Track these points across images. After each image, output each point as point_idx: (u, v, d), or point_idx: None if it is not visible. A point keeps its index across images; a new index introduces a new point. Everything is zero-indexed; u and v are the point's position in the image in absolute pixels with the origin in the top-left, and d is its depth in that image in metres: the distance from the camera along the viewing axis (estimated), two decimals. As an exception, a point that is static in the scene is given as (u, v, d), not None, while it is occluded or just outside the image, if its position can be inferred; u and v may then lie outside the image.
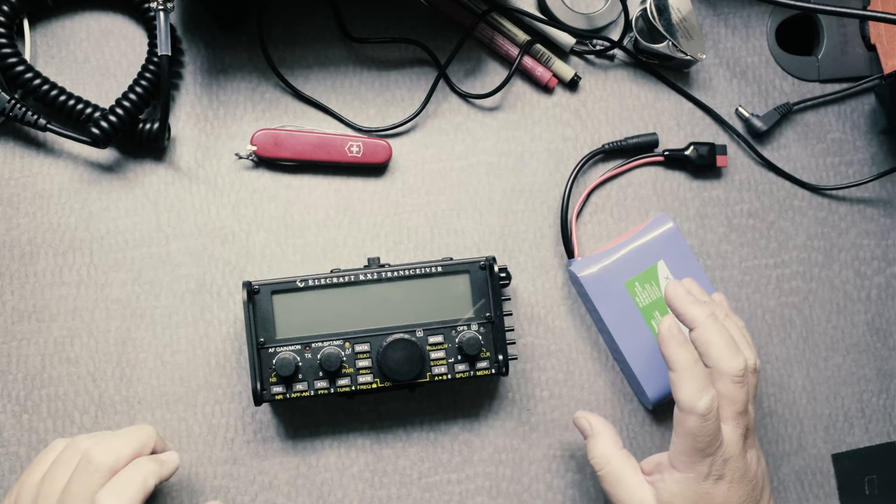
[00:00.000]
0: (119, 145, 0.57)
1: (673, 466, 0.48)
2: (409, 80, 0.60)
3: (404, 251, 0.59)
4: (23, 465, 0.55)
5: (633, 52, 0.62)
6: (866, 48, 0.64)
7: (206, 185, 0.58)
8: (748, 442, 0.48)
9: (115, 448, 0.46)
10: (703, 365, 0.47)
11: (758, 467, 0.49)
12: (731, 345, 0.47)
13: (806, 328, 0.62)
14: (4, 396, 0.55)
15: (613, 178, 0.61)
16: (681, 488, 0.47)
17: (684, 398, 0.46)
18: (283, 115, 0.59)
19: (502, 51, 0.60)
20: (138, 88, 0.55)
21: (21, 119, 0.53)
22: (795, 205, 0.63)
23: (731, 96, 0.63)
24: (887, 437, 0.62)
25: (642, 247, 0.58)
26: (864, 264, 0.63)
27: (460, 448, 0.58)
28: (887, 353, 0.63)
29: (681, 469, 0.47)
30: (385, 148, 0.58)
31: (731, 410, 0.47)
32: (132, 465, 0.46)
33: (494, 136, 0.61)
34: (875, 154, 0.64)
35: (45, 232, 0.56)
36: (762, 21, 0.64)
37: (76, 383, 0.56)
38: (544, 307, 0.60)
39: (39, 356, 0.56)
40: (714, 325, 0.48)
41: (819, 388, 0.62)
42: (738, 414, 0.47)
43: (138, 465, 0.46)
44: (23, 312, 0.56)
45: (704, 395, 0.45)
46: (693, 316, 0.48)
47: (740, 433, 0.47)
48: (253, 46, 0.59)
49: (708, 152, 0.61)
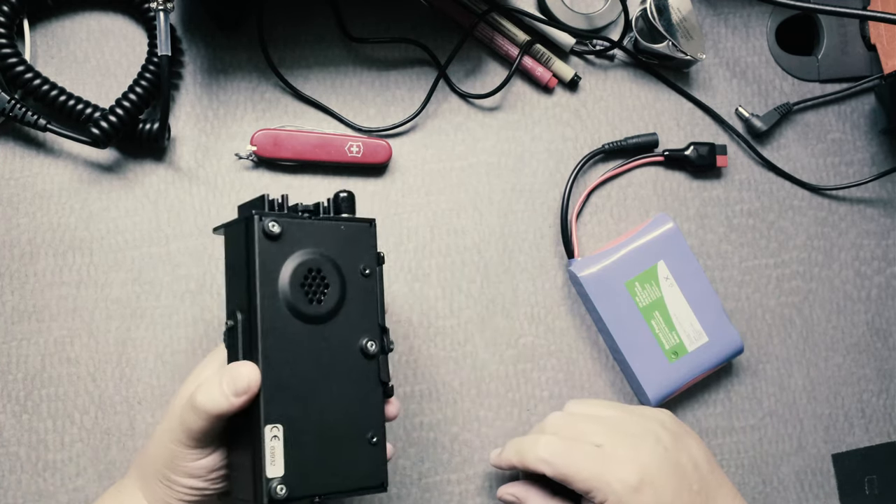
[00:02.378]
0: (119, 145, 0.57)
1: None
2: (409, 80, 0.60)
3: (404, 251, 0.59)
4: (23, 465, 0.55)
5: (633, 52, 0.62)
6: (866, 48, 0.64)
7: (206, 185, 0.58)
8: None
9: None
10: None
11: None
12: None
13: (806, 328, 0.62)
14: (4, 396, 0.55)
15: (613, 178, 0.61)
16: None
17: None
18: (283, 115, 0.59)
19: (502, 51, 0.60)
20: (138, 88, 0.54)
21: (21, 119, 0.53)
22: (795, 205, 0.63)
23: (731, 96, 0.63)
24: (887, 437, 0.62)
25: (642, 247, 0.58)
26: (864, 264, 0.63)
27: (460, 448, 0.58)
28: (887, 353, 0.63)
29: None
30: (385, 148, 0.58)
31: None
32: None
33: (494, 136, 0.61)
34: (875, 154, 0.64)
35: (45, 232, 0.56)
36: (762, 21, 0.64)
37: (76, 383, 0.56)
38: (544, 307, 0.60)
39: (39, 356, 0.56)
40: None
41: (819, 388, 0.62)
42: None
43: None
44: (23, 312, 0.56)
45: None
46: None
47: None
48: (253, 46, 0.59)
49: (708, 152, 0.61)
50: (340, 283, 0.45)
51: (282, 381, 0.42)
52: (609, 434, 0.49)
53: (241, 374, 0.41)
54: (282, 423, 0.42)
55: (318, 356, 0.43)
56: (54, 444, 0.55)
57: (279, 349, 0.42)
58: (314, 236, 0.44)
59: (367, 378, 0.45)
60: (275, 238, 0.43)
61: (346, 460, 0.44)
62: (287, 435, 0.41)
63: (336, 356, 0.44)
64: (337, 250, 0.45)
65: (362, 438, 0.44)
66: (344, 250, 0.45)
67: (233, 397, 0.41)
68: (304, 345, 0.43)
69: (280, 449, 0.41)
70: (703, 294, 0.58)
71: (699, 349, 0.58)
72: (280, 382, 0.42)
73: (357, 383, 0.45)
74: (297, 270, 0.43)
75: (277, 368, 0.42)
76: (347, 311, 0.45)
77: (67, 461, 0.55)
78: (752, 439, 0.61)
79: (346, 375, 0.44)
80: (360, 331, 0.45)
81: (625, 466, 0.47)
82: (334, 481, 0.43)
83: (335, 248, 0.45)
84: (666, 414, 0.53)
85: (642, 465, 0.48)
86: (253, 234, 0.42)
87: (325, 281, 0.44)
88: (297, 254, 0.43)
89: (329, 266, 0.44)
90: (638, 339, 0.57)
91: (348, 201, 0.46)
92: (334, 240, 0.45)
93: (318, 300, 0.44)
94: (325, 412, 0.43)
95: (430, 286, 0.59)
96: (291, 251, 0.43)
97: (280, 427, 0.41)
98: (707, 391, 0.61)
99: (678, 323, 0.58)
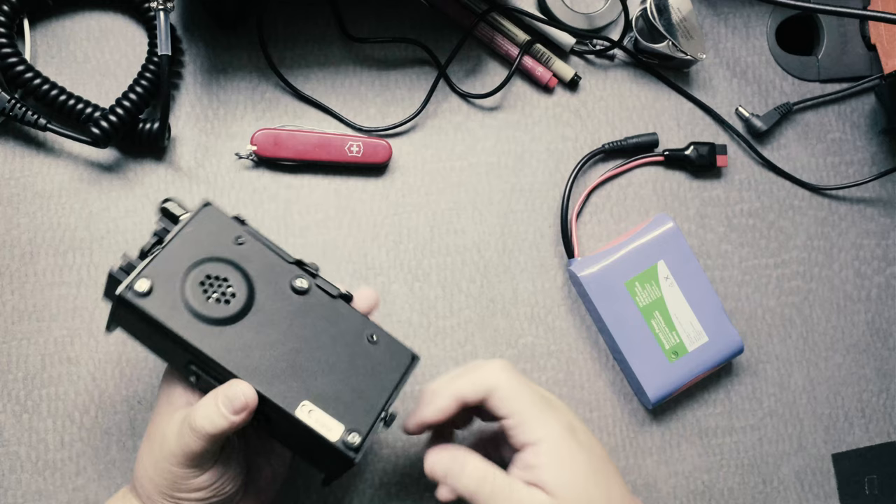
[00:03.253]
0: (119, 145, 0.57)
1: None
2: (409, 80, 0.60)
3: (404, 251, 0.59)
4: (23, 464, 0.55)
5: (633, 52, 0.62)
6: (866, 48, 0.64)
7: (206, 185, 0.58)
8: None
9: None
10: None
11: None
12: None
13: (806, 328, 0.62)
14: (4, 396, 0.55)
15: (613, 178, 0.61)
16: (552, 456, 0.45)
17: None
18: (283, 115, 0.59)
19: (502, 51, 0.60)
20: (138, 88, 0.55)
21: (21, 119, 0.53)
22: (795, 205, 0.63)
23: (731, 96, 0.63)
24: (887, 437, 0.62)
25: (642, 247, 0.58)
26: (864, 264, 0.63)
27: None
28: (887, 353, 0.63)
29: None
30: (385, 148, 0.58)
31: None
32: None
33: (494, 136, 0.61)
34: (875, 154, 0.64)
35: (45, 232, 0.56)
36: (762, 21, 0.64)
37: (76, 383, 0.56)
38: (544, 307, 0.60)
39: (39, 356, 0.56)
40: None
41: (819, 388, 0.62)
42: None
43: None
44: (23, 312, 0.56)
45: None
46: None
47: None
48: (253, 46, 0.59)
49: (708, 152, 0.61)
50: (233, 266, 0.44)
51: (268, 373, 0.42)
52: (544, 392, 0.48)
53: (237, 394, 0.41)
54: (302, 398, 0.42)
55: (273, 330, 0.44)
56: (54, 443, 0.55)
57: (244, 358, 0.42)
58: (178, 256, 0.43)
59: (324, 305, 0.46)
60: (150, 291, 0.41)
61: (371, 370, 0.45)
62: (314, 399, 0.43)
63: (285, 316, 0.44)
64: (205, 248, 0.44)
65: (365, 346, 0.46)
66: (210, 243, 0.44)
67: (232, 416, 0.41)
68: (255, 334, 0.43)
69: (321, 413, 0.42)
70: (703, 294, 0.58)
71: (699, 349, 0.58)
72: (268, 375, 0.42)
73: (321, 317, 0.45)
74: (195, 293, 0.43)
75: (256, 371, 0.42)
76: (261, 279, 0.45)
77: (67, 461, 0.55)
78: (752, 439, 0.61)
79: (306, 320, 0.45)
80: (284, 280, 0.45)
81: (565, 412, 0.46)
82: (380, 391, 0.45)
83: (203, 249, 0.44)
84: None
85: (571, 417, 0.47)
86: (134, 305, 0.41)
87: (220, 278, 0.44)
88: (180, 281, 0.43)
89: (212, 265, 0.44)
90: (638, 339, 0.57)
91: (175, 206, 0.46)
92: (195, 243, 0.44)
93: (231, 295, 0.43)
94: (320, 357, 0.44)
95: (430, 286, 0.59)
96: (174, 284, 0.42)
97: (305, 401, 0.42)
98: (707, 391, 0.61)
99: (678, 323, 0.58)
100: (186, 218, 0.45)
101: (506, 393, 0.45)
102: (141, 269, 0.42)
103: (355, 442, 0.42)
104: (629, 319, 0.57)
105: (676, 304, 0.58)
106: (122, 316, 0.43)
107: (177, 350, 0.42)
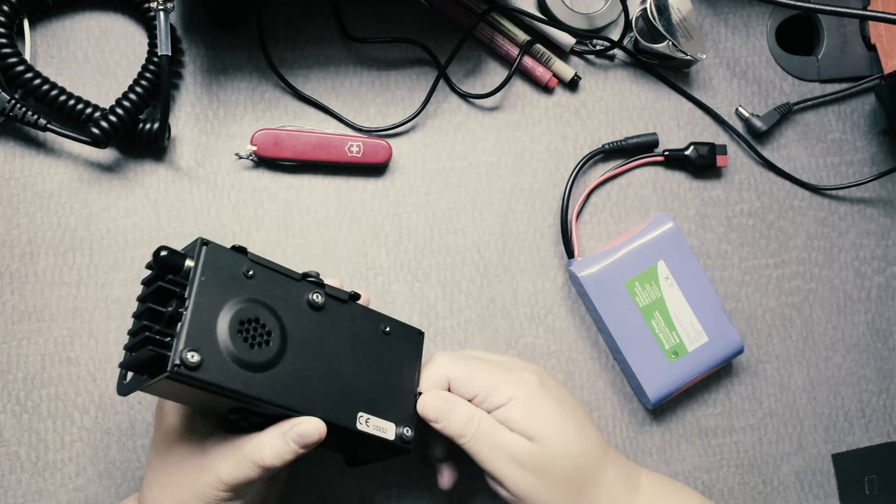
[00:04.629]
0: (119, 145, 0.57)
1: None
2: (409, 80, 0.60)
3: (404, 251, 0.59)
4: (23, 464, 0.55)
5: (633, 52, 0.62)
6: (866, 48, 0.64)
7: (206, 185, 0.58)
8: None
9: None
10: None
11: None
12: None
13: (806, 328, 0.62)
14: (4, 396, 0.55)
15: (613, 178, 0.61)
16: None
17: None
18: (283, 115, 0.59)
19: (502, 51, 0.60)
20: (138, 88, 0.55)
21: (21, 119, 0.53)
22: (795, 205, 0.63)
23: (731, 96, 0.63)
24: (887, 437, 0.62)
25: (642, 247, 0.58)
26: (864, 264, 0.63)
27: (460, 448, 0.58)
28: (887, 353, 0.63)
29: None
30: (385, 148, 0.58)
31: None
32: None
33: (494, 136, 0.61)
34: (875, 154, 0.64)
35: (45, 232, 0.56)
36: (762, 21, 0.64)
37: (76, 383, 0.56)
38: (544, 307, 0.60)
39: (39, 356, 0.56)
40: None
41: (819, 388, 0.62)
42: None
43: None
44: (23, 312, 0.56)
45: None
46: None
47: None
48: (253, 46, 0.59)
49: (708, 152, 0.61)
50: (259, 304, 0.43)
51: (323, 398, 0.44)
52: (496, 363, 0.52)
53: (310, 431, 0.43)
54: (357, 410, 0.46)
55: (311, 352, 0.45)
56: (54, 443, 0.55)
57: (300, 392, 0.44)
58: (206, 312, 0.41)
59: (340, 313, 0.47)
60: (198, 365, 0.39)
61: (394, 360, 0.49)
62: (365, 408, 0.46)
63: (315, 334, 0.45)
64: (226, 293, 0.42)
65: (382, 339, 0.49)
66: (227, 287, 0.42)
67: (302, 450, 0.43)
68: (300, 363, 0.44)
69: (375, 419, 0.46)
70: (703, 294, 0.58)
71: (699, 349, 0.58)
72: (324, 401, 0.44)
73: (342, 326, 0.47)
74: (238, 345, 0.41)
75: (315, 400, 0.44)
76: (281, 308, 0.44)
77: (67, 461, 0.55)
78: (752, 439, 0.61)
79: (330, 335, 0.46)
80: (299, 300, 0.45)
81: (523, 373, 0.50)
82: (409, 378, 0.49)
83: (224, 295, 0.42)
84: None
85: (537, 372, 0.51)
86: (192, 377, 0.39)
87: (253, 321, 0.42)
88: (218, 340, 0.41)
89: (239, 309, 0.42)
90: (638, 339, 0.57)
91: (174, 254, 0.42)
92: (213, 292, 0.42)
93: (268, 335, 0.43)
94: (353, 363, 0.47)
95: (430, 286, 0.59)
96: (216, 344, 0.41)
97: (360, 413, 0.46)
98: (707, 391, 0.61)
99: (678, 323, 0.58)
100: (190, 266, 0.42)
101: (461, 379, 0.49)
102: (178, 339, 0.40)
103: (409, 435, 0.48)
104: (629, 319, 0.57)
105: (676, 304, 0.58)
106: (164, 388, 0.41)
107: (225, 402, 0.42)
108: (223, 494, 0.44)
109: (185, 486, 0.44)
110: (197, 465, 0.44)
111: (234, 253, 0.44)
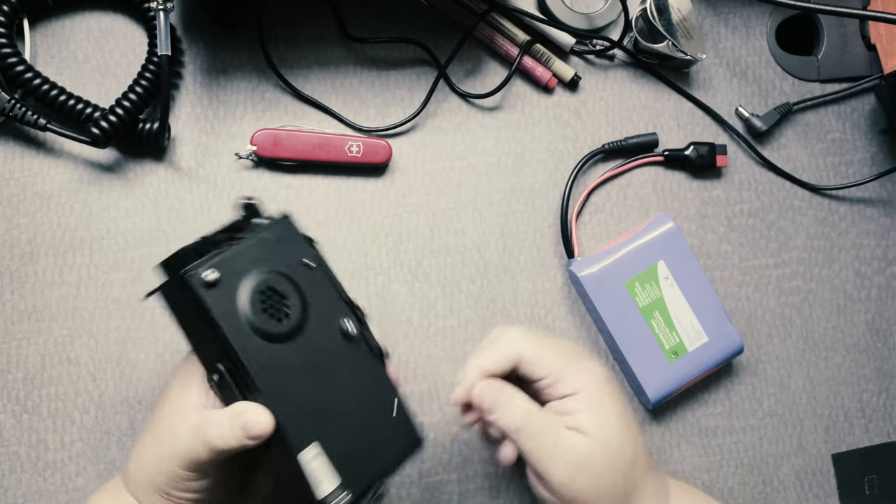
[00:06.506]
0: (119, 145, 0.57)
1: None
2: (409, 80, 0.60)
3: (404, 251, 0.59)
4: (23, 464, 0.55)
5: (633, 52, 0.62)
6: (866, 48, 0.64)
7: (206, 185, 0.58)
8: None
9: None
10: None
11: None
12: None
13: (806, 328, 0.62)
14: (4, 396, 0.55)
15: (613, 178, 0.61)
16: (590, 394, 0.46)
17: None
18: (283, 115, 0.59)
19: (502, 51, 0.60)
20: (138, 88, 0.55)
21: (21, 119, 0.53)
22: (795, 205, 0.63)
23: (731, 96, 0.63)
24: (887, 437, 0.62)
25: (642, 247, 0.58)
26: (864, 264, 0.63)
27: (460, 448, 0.58)
28: (887, 353, 0.63)
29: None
30: (385, 148, 0.58)
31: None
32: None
33: (494, 136, 0.61)
34: (875, 154, 0.64)
35: (45, 232, 0.56)
36: (762, 21, 0.64)
37: (76, 383, 0.56)
38: (544, 307, 0.60)
39: (39, 356, 0.56)
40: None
41: (819, 388, 0.62)
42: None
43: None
44: (23, 312, 0.56)
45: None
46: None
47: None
48: (253, 46, 0.59)
49: (708, 152, 0.61)
50: (294, 287, 0.43)
51: (291, 406, 0.41)
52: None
53: (256, 422, 0.41)
54: (314, 440, 0.41)
55: (310, 363, 0.43)
56: (54, 443, 0.55)
57: (275, 380, 0.41)
58: (248, 258, 0.42)
59: (362, 356, 0.45)
60: (216, 284, 0.40)
61: (379, 438, 0.44)
62: (324, 447, 0.41)
63: (326, 353, 0.43)
64: (275, 260, 0.43)
65: (387, 413, 0.45)
66: (280, 256, 0.43)
67: (246, 440, 0.41)
68: (294, 361, 0.42)
69: (325, 462, 0.41)
70: (703, 294, 0.58)
71: (699, 349, 0.58)
72: (290, 409, 0.41)
73: (356, 365, 0.44)
74: (254, 300, 0.41)
75: (282, 398, 0.41)
76: (315, 308, 0.44)
77: (67, 461, 0.55)
78: (752, 439, 0.61)
79: (342, 364, 0.44)
80: (334, 317, 0.44)
81: (591, 363, 0.47)
82: (380, 462, 0.44)
83: (272, 260, 0.43)
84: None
85: (605, 370, 0.48)
86: (196, 290, 0.40)
87: (281, 294, 0.42)
88: (243, 284, 0.42)
89: (277, 278, 0.43)
90: (638, 339, 0.57)
91: (254, 207, 0.45)
92: (266, 252, 0.43)
93: (284, 315, 0.42)
94: (342, 407, 0.43)
95: (430, 286, 0.59)
96: (236, 285, 0.41)
97: (316, 444, 0.41)
98: (707, 391, 0.61)
99: (678, 323, 0.58)
100: (264, 223, 0.44)
101: (533, 358, 0.46)
102: (212, 258, 0.41)
103: (347, 500, 0.41)
104: (629, 319, 0.57)
105: (676, 304, 0.58)
106: (175, 294, 0.42)
107: (214, 346, 0.41)
108: (183, 473, 0.42)
109: (155, 456, 0.44)
110: (167, 438, 0.43)
111: (304, 240, 0.45)
